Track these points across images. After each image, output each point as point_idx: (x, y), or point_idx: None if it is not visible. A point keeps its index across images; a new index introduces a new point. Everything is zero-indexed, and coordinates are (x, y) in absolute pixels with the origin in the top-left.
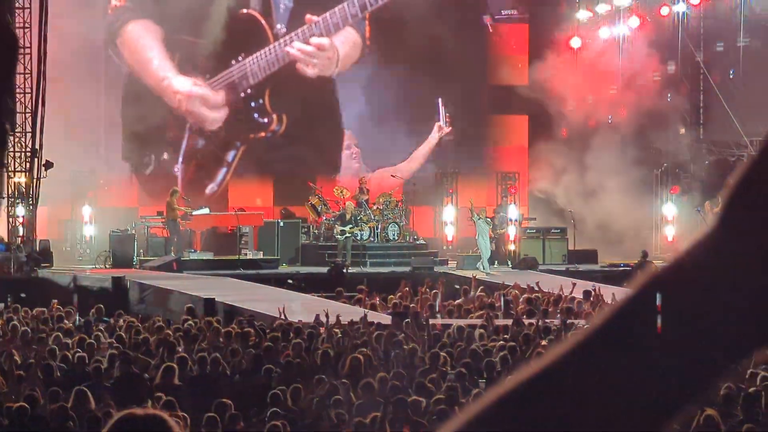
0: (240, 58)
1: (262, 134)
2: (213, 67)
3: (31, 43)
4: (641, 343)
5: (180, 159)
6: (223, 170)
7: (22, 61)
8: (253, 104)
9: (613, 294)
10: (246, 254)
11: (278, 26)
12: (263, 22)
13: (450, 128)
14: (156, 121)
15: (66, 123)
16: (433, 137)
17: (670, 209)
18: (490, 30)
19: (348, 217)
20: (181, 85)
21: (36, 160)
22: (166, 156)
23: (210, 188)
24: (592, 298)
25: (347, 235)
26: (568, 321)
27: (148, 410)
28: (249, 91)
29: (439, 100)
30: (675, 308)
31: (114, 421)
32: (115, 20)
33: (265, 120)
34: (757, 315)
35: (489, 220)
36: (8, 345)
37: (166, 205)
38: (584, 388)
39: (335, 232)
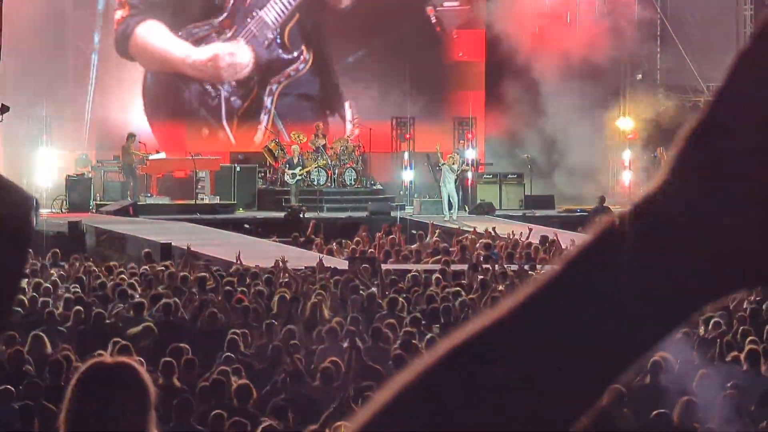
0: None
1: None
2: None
3: None
4: (598, 293)
5: (225, 124)
6: (265, 117)
7: None
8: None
9: (571, 240)
10: (203, 199)
11: None
12: None
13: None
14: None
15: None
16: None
17: (627, 155)
18: None
19: (296, 161)
20: (205, 53)
21: None
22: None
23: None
24: (548, 244)
25: (298, 178)
26: (525, 267)
27: (118, 359)
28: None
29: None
30: (632, 257)
31: (84, 369)
32: (123, 30)
33: (292, 55)
34: (711, 262)
35: (455, 167)
36: None
37: (121, 149)
38: (539, 340)
39: (285, 177)
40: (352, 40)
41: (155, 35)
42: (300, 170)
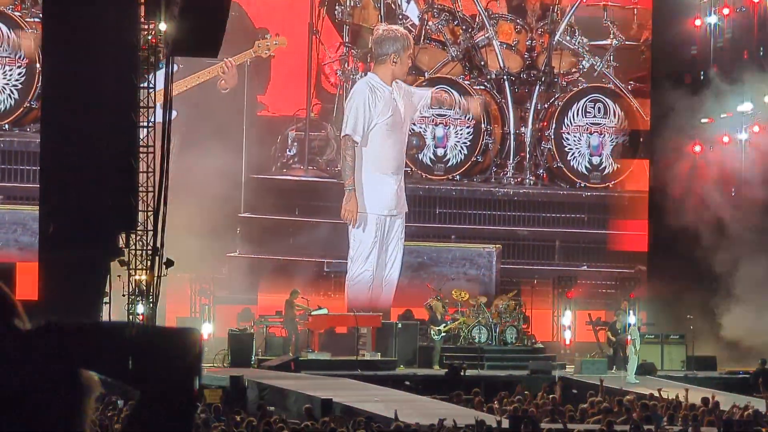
0: None
1: None
2: None
3: (154, 141)
4: None
5: None
6: None
7: (144, 159)
8: None
9: (733, 403)
10: (364, 355)
11: None
12: None
13: None
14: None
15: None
16: None
17: None
18: None
19: (438, 317)
20: None
21: (157, 258)
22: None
23: None
24: (710, 406)
25: (443, 334)
26: (689, 429)
27: None
28: None
29: None
30: None
31: None
32: None
33: None
34: None
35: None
36: None
37: (285, 304)
38: None
39: (431, 333)
40: None
41: None
42: (444, 327)
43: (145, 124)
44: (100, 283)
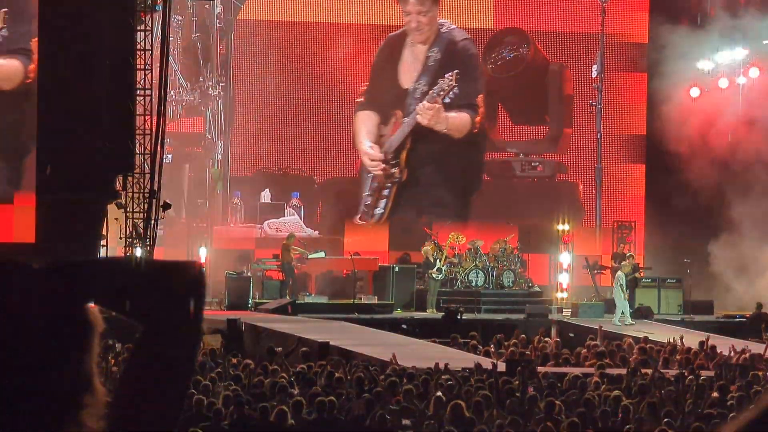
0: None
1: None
2: None
3: (152, 85)
4: None
5: None
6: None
7: (142, 102)
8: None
9: (731, 346)
10: (361, 299)
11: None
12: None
13: None
14: None
15: None
16: None
17: None
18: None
19: (432, 261)
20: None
21: (154, 201)
22: None
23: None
24: (707, 350)
25: (441, 277)
26: (684, 372)
27: None
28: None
29: None
30: None
31: None
32: None
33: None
34: None
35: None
36: None
37: (282, 247)
38: None
39: (429, 276)
40: None
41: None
42: (440, 269)
43: (143, 67)
44: (97, 225)
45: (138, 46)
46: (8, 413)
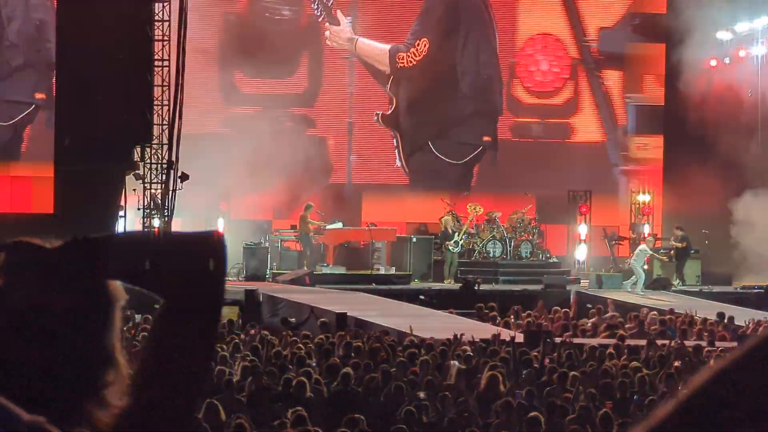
0: None
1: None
2: None
3: (169, 56)
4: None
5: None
6: None
7: (159, 73)
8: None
9: (750, 319)
10: (378, 269)
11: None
12: None
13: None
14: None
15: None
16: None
17: None
18: None
19: (450, 232)
20: None
21: (172, 172)
22: None
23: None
24: (725, 321)
25: (458, 249)
26: (702, 343)
27: None
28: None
29: None
30: None
31: None
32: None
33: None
34: None
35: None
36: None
37: (299, 218)
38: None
39: (444, 248)
40: None
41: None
42: (458, 240)
43: (161, 38)
44: (116, 196)
45: (156, 17)
46: (32, 391)
